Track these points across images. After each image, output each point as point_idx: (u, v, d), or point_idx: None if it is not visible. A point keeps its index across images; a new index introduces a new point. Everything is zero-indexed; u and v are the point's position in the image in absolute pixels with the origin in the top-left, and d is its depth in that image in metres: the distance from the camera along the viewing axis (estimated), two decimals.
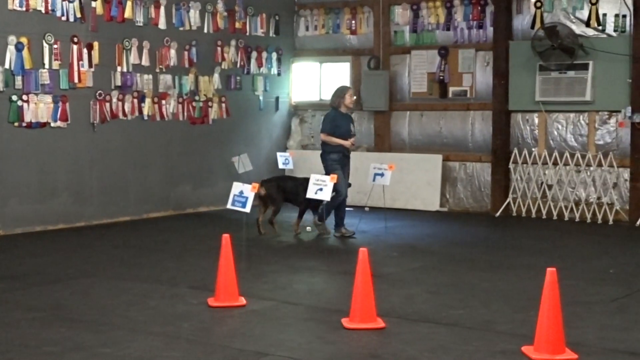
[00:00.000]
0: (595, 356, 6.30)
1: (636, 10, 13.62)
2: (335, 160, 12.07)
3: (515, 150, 14.82)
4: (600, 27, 14.00)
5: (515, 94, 14.71)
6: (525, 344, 6.43)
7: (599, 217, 13.95)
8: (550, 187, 14.55)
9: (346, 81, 16.32)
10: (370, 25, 16.36)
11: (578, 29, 14.14)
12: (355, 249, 7.29)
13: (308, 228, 12.67)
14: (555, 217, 14.30)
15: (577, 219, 14.10)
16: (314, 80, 17.09)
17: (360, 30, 16.50)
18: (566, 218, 14.21)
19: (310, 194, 11.13)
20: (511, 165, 14.84)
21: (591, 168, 14.16)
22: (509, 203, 14.82)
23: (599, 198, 14.11)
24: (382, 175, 12.67)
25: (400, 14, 15.94)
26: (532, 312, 6.37)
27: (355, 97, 12.69)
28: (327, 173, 11.75)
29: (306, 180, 11.81)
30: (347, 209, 12.51)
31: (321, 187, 10.98)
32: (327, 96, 16.71)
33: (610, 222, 13.76)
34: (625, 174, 13.92)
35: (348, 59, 16.58)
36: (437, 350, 6.49)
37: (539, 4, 14.39)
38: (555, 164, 14.43)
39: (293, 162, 15.27)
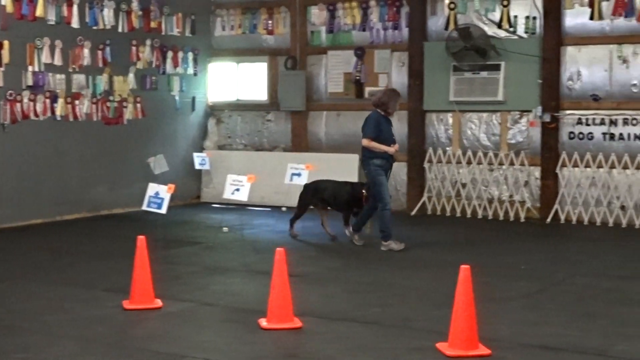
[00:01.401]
0: (508, 351, 6.43)
1: (546, 12, 13.96)
2: (379, 166, 11.14)
3: (430, 150, 15.02)
4: (511, 29, 14.30)
5: (430, 94, 14.91)
6: (440, 340, 6.53)
7: (511, 214, 14.25)
8: (464, 185, 14.79)
9: (263, 81, 16.35)
10: (287, 25, 16.37)
11: (490, 30, 14.41)
12: (274, 249, 7.29)
13: (225, 229, 12.61)
14: (469, 215, 14.55)
15: (490, 217, 14.37)
16: (231, 80, 17.02)
17: (277, 31, 16.49)
18: (480, 216, 14.47)
19: (227, 194, 11.04)
20: (426, 165, 15.04)
21: (503, 167, 14.45)
22: (424, 202, 15.01)
23: (511, 196, 14.41)
24: (299, 175, 12.69)
25: (317, 15, 16.00)
26: (448, 309, 6.47)
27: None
28: (371, 180, 11.20)
29: (345, 185, 12.06)
30: (264, 209, 12.49)
31: (238, 188, 10.90)
32: (245, 96, 16.88)
33: (522, 220, 14.07)
34: (536, 172, 14.25)
35: (265, 59, 16.55)
36: (355, 349, 6.54)
37: (452, 6, 14.63)
38: (469, 163, 14.69)
39: (210, 162, 15.18)
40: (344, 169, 15.54)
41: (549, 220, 13.84)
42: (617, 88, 13.59)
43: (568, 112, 13.97)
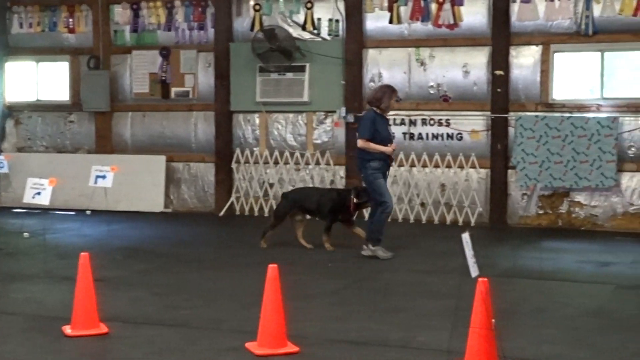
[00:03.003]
0: (316, 347, 6.54)
1: (348, 15, 14.33)
2: (377, 169, 10.42)
3: (238, 151, 15.07)
4: (315, 31, 14.58)
5: (237, 95, 14.95)
6: (250, 340, 6.55)
7: None
8: (272, 185, 14.94)
9: (65, 81, 15.85)
10: (90, 24, 15.94)
11: (295, 32, 14.63)
12: (77, 254, 7.07)
13: (25, 234, 12.13)
14: None
15: None
16: (30, 80, 16.37)
17: (78, 29, 16.02)
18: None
19: (27, 198, 10.58)
20: (234, 165, 15.08)
21: (310, 166, 14.70)
22: (232, 202, 15.03)
23: None
24: (103, 177, 12.34)
25: (120, 13, 15.68)
26: (257, 309, 6.50)
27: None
28: (369, 185, 10.51)
29: (330, 192, 11.56)
30: (68, 213, 12.10)
31: (39, 191, 10.47)
32: (45, 97, 16.28)
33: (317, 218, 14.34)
34: (341, 171, 14.60)
35: (66, 58, 16.08)
36: (163, 352, 6.45)
37: (258, 7, 14.74)
38: (276, 163, 14.84)
39: (8, 165, 14.54)
40: (151, 170, 15.35)
41: (354, 217, 14.15)
42: (415, 89, 14.14)
43: None
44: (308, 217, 11.67)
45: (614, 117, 12.97)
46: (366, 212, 11.46)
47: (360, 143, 10.42)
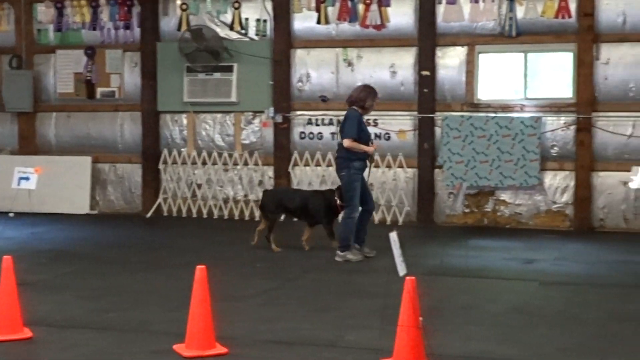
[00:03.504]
0: (245, 348, 6.52)
1: (276, 15, 14.32)
2: (360, 170, 10.36)
3: (165, 151, 14.93)
4: (243, 31, 14.53)
5: (164, 95, 14.82)
6: (178, 342, 6.50)
7: (247, 214, 14.48)
8: (200, 186, 14.84)
9: None
10: (12, 22, 15.61)
11: (222, 32, 14.56)
12: (0, 257, 6.91)
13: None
14: (205, 216, 14.63)
15: (226, 217, 14.53)
16: None
17: (0, 28, 15.66)
18: (216, 216, 14.59)
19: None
20: (161, 166, 14.94)
21: (238, 167, 14.66)
22: (159, 204, 14.90)
23: (245, 195, 14.65)
24: (27, 179, 12.18)
25: (44, 12, 15.37)
26: (185, 311, 6.45)
27: None
28: (347, 184, 10.33)
29: (316, 194, 11.29)
30: None
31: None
32: None
33: (257, 219, 14.32)
34: (270, 171, 14.58)
35: None
36: (90, 356, 6.35)
37: (184, 7, 14.63)
38: (204, 163, 14.76)
39: None
40: (76, 171, 15.12)
41: (282, 218, 14.17)
42: (343, 89, 14.17)
43: (299, 112, 14.42)
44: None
45: (537, 117, 13.23)
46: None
47: (347, 143, 10.25)
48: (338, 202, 10.77)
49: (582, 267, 10.13)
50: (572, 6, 13.16)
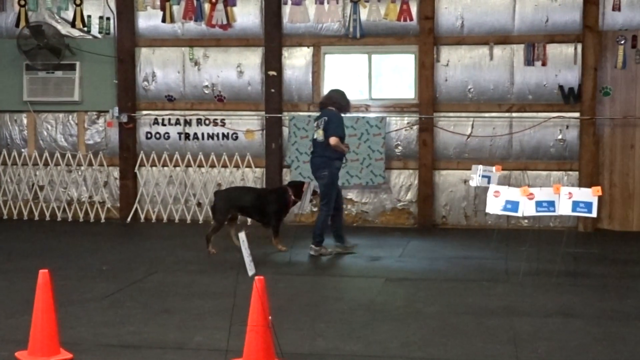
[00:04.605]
0: (89, 353, 6.37)
1: (119, 13, 14.06)
2: (338, 169, 10.80)
3: (4, 152, 14.41)
4: (85, 29, 14.20)
5: (2, 94, 14.33)
6: (20, 349, 6.28)
7: (92, 215, 14.16)
8: (41, 188, 14.40)
9: None
10: None
11: (64, 29, 14.19)
12: None
13: None
14: (48, 218, 14.22)
15: (70, 219, 14.16)
16: None
17: None
18: (59, 218, 14.20)
19: None
20: (0, 167, 14.39)
21: (82, 167, 14.31)
22: None
23: (90, 197, 14.32)
24: None
25: None
26: (28, 316, 6.24)
27: None
28: (329, 182, 10.68)
29: (272, 191, 11.15)
30: None
31: None
32: None
33: (103, 220, 14.05)
34: (115, 172, 14.31)
35: None
36: None
37: (23, 2, 14.17)
38: (46, 164, 14.33)
39: None
40: None
41: (128, 219, 13.97)
42: (190, 89, 14.10)
43: (145, 112, 14.21)
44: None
45: (382, 117, 13.54)
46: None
47: (333, 141, 10.52)
48: (293, 198, 11.05)
49: (425, 263, 10.45)
50: (414, 9, 13.55)
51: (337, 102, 10.93)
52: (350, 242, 11.23)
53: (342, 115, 10.90)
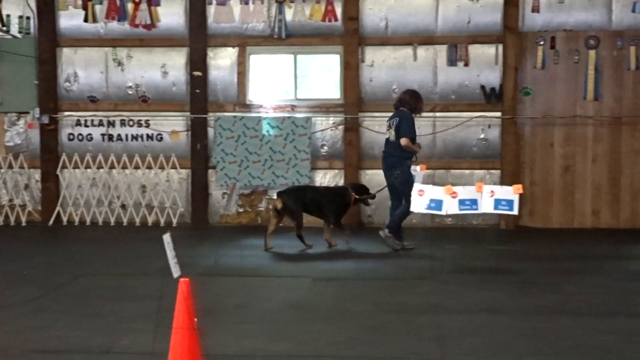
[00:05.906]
0: (14, 359, 6.25)
1: (40, 12, 13.82)
2: (409, 167, 11.02)
3: None
4: (4, 28, 13.91)
5: None
6: None
7: (12, 219, 13.88)
8: None
9: None
10: None
11: None
12: None
13: None
14: None
15: None
16: None
17: None
18: None
19: None
20: None
21: (2, 170, 14.01)
22: None
23: (11, 200, 14.04)
24: None
25: None
26: None
27: None
28: (404, 180, 10.93)
29: (329, 190, 11.32)
30: None
31: None
32: None
33: (24, 224, 13.79)
34: (37, 174, 14.06)
35: None
36: None
37: None
38: None
39: None
40: None
41: (51, 222, 13.74)
42: (113, 90, 13.94)
43: (67, 113, 14.00)
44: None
45: (308, 117, 13.58)
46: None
47: (404, 142, 10.94)
48: (354, 197, 11.48)
49: (352, 262, 10.50)
50: (339, 10, 13.63)
51: (409, 103, 11.28)
52: (407, 243, 11.36)
53: (414, 116, 11.25)
